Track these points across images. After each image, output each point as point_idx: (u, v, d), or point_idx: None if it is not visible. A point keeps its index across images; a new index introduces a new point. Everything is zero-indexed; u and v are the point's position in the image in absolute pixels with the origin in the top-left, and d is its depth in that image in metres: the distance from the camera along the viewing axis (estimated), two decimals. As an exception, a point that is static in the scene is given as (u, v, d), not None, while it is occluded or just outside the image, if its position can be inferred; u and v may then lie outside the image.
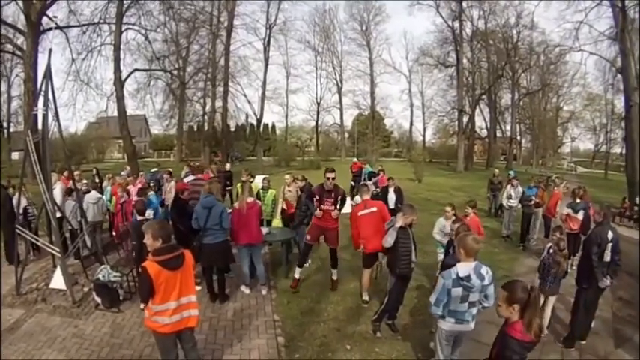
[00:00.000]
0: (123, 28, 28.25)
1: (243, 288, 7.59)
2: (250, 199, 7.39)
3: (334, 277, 7.89)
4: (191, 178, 11.75)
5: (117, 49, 27.65)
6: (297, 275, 7.66)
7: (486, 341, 3.78)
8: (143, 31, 30.44)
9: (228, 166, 15.48)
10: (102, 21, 28.19)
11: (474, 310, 4.33)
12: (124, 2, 27.68)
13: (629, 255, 11.03)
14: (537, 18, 66.83)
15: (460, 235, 4.52)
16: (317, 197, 7.50)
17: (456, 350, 4.64)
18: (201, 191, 7.24)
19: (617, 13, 20.08)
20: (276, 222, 9.36)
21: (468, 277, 4.13)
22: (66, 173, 10.57)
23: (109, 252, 9.35)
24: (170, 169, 12.55)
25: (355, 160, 22.45)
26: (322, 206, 7.44)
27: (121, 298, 6.96)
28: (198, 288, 6.83)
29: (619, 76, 23.09)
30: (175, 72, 35.90)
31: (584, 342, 6.15)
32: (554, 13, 53.97)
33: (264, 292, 7.51)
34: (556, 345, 6.08)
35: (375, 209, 6.96)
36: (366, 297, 7.23)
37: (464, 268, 4.18)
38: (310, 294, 7.49)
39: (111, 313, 6.62)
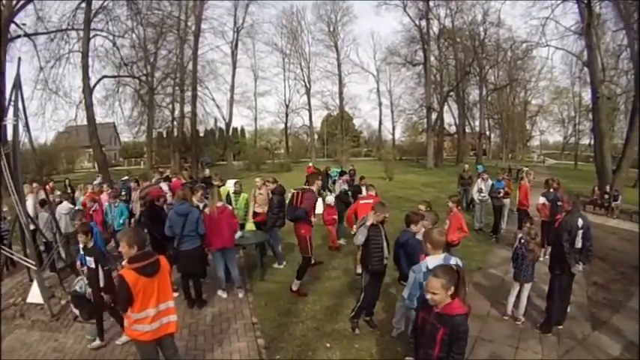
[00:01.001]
0: (91, 35, 27.75)
1: (220, 292, 7.61)
2: (220, 204, 7.41)
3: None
4: (163, 185, 11.74)
5: (85, 56, 27.15)
6: (294, 287, 7.70)
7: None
8: (111, 37, 30.06)
9: (207, 172, 15.38)
10: (70, 27, 27.66)
11: None
12: (92, 8, 27.23)
13: (601, 241, 11.50)
14: (504, 15, 68.54)
15: (426, 230, 4.64)
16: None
17: None
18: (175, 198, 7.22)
19: (582, 8, 20.54)
20: (250, 225, 9.36)
21: None
22: (34, 184, 10.43)
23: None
24: (137, 177, 12.48)
25: (310, 164, 22.48)
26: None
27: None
28: (175, 295, 6.83)
29: (586, 69, 23.63)
30: (144, 78, 35.39)
31: (561, 327, 6.37)
32: (520, 10, 55.22)
33: (240, 295, 7.55)
34: (534, 331, 6.29)
35: (371, 200, 8.29)
36: (359, 270, 7.70)
37: (433, 260, 4.32)
38: (287, 295, 7.54)
39: (90, 324, 6.51)
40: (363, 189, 11.18)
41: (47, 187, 9.98)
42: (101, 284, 5.57)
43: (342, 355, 5.58)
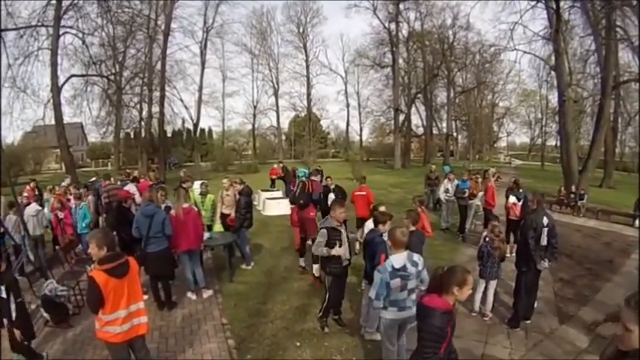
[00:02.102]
0: (60, 32, 27.15)
1: (189, 294, 7.54)
2: (186, 205, 7.37)
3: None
4: (130, 186, 11.58)
5: (54, 53, 26.55)
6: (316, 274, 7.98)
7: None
8: (80, 35, 29.39)
9: (182, 173, 15.18)
10: (40, 24, 26.93)
11: (413, 296, 4.52)
12: (62, 5, 26.62)
13: (567, 239, 11.83)
14: (473, 19, 69.90)
15: (390, 229, 4.68)
16: None
17: (402, 337, 4.79)
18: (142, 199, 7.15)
19: (551, 14, 21.03)
20: (217, 227, 9.30)
21: (404, 267, 4.35)
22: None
23: (54, 266, 9.03)
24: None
25: (275, 166, 22.47)
26: None
27: (70, 312, 6.75)
28: (145, 297, 6.76)
29: (553, 73, 24.16)
30: (112, 77, 34.73)
31: (528, 322, 6.52)
32: (489, 14, 56.18)
33: (205, 295, 7.53)
34: (502, 326, 6.43)
35: (364, 192, 10.48)
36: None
37: (398, 259, 4.38)
38: (256, 295, 7.56)
39: (61, 329, 6.40)
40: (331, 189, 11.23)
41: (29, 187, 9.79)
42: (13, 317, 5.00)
43: (312, 353, 5.61)
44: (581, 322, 6.64)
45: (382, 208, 6.99)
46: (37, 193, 13.16)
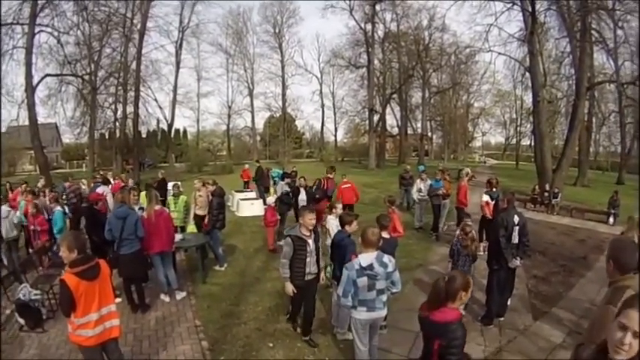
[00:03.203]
0: (36, 30, 26.71)
1: (162, 296, 7.46)
2: (157, 207, 7.27)
3: None
4: (104, 188, 11.43)
5: (29, 52, 26.14)
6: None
7: (407, 327, 3.94)
8: (56, 34, 28.99)
9: (160, 174, 14.99)
10: (15, 22, 26.43)
11: (384, 297, 4.50)
12: (39, 2, 26.20)
13: (541, 236, 11.98)
14: (449, 21, 70.41)
15: (363, 229, 4.67)
16: None
17: (374, 337, 4.76)
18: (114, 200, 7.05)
19: (527, 16, 21.28)
20: (191, 227, 9.21)
21: (370, 266, 4.31)
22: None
23: (28, 269, 8.84)
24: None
25: (246, 166, 22.38)
26: None
27: (44, 317, 6.60)
28: (118, 300, 6.65)
29: (527, 74, 24.44)
30: (87, 77, 34.15)
31: (502, 319, 6.58)
32: (465, 16, 56.81)
33: (178, 297, 7.46)
34: (475, 324, 6.45)
35: (349, 185, 11.94)
36: None
37: (366, 258, 4.36)
38: (229, 297, 7.54)
39: (36, 334, 6.27)
40: (302, 190, 11.25)
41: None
42: None
43: (285, 354, 5.60)
44: (556, 319, 6.72)
45: (339, 207, 6.99)
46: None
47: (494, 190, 10.53)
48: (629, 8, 22.74)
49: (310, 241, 5.49)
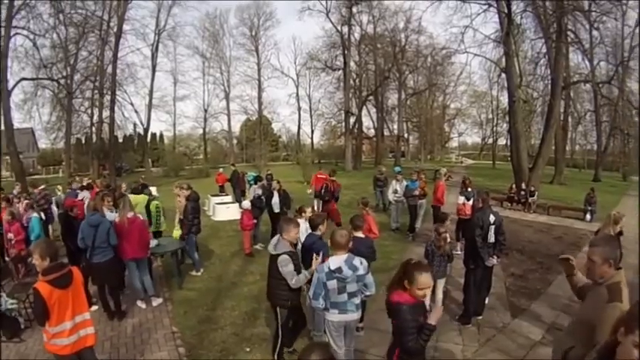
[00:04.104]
0: (12, 33, 26.31)
1: (139, 303, 7.33)
2: (130, 214, 7.14)
3: None
4: (84, 194, 11.24)
5: (4, 56, 25.66)
6: None
7: (384, 328, 3.93)
8: (32, 36, 28.69)
9: (141, 179, 14.77)
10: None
11: (357, 300, 4.45)
12: (15, 4, 25.80)
13: (518, 235, 12.09)
14: (425, 23, 71.30)
15: (332, 231, 4.64)
16: None
17: (348, 339, 4.71)
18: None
19: (502, 18, 21.52)
20: (176, 233, 9.07)
21: (339, 269, 4.25)
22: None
23: (3, 278, 8.64)
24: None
25: (220, 170, 22.28)
26: None
27: (22, 326, 6.44)
28: (95, 307, 6.75)
29: (503, 75, 24.76)
30: (63, 81, 33.86)
31: (480, 317, 6.59)
32: (441, 18, 57.42)
33: (155, 303, 7.35)
34: (453, 323, 6.45)
35: (324, 176, 12.86)
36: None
37: (335, 261, 4.31)
38: (205, 302, 7.47)
39: (14, 343, 6.12)
40: (275, 193, 11.25)
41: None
42: None
43: (262, 357, 5.56)
44: (534, 316, 6.76)
45: (308, 210, 6.96)
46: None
47: (469, 189, 10.61)
48: (605, 9, 23.18)
49: (287, 257, 5.08)
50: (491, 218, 6.36)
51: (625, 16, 29.62)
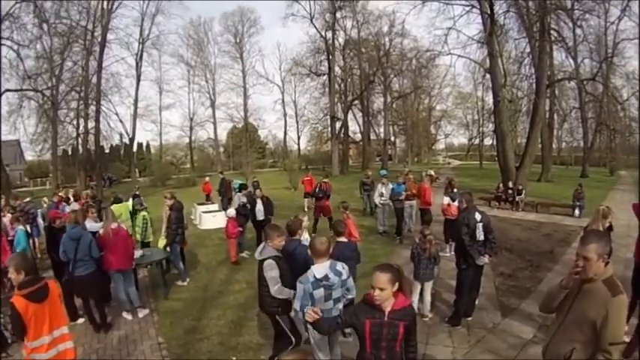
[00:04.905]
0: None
1: (125, 314, 7.23)
2: (114, 225, 7.04)
3: None
4: (75, 205, 11.13)
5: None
6: None
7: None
8: (16, 47, 28.62)
9: (138, 189, 14.65)
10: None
11: (340, 305, 4.40)
12: (-1, 15, 25.54)
13: (506, 233, 12.11)
14: (409, 26, 71.88)
15: (311, 239, 4.58)
16: None
17: (335, 347, 4.67)
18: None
19: (485, 19, 21.69)
20: (161, 242, 8.96)
21: (326, 277, 4.18)
22: None
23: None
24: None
25: (207, 179, 22.22)
26: None
27: (9, 341, 6.30)
28: (81, 320, 6.86)
29: (488, 75, 24.97)
30: (48, 92, 33.49)
31: (470, 318, 6.55)
32: (424, 20, 57.86)
33: (141, 315, 7.26)
34: (442, 325, 6.41)
35: (309, 178, 15.23)
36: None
37: (319, 269, 4.22)
38: (191, 312, 7.39)
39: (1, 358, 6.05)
40: (258, 201, 11.23)
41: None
42: None
43: (249, 366, 5.49)
44: (525, 314, 6.73)
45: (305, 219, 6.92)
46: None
47: (454, 190, 10.62)
48: (588, 7, 23.43)
49: (274, 263, 4.90)
50: (477, 216, 6.34)
51: (608, 13, 30.02)
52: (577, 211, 15.64)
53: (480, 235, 6.27)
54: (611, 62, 34.48)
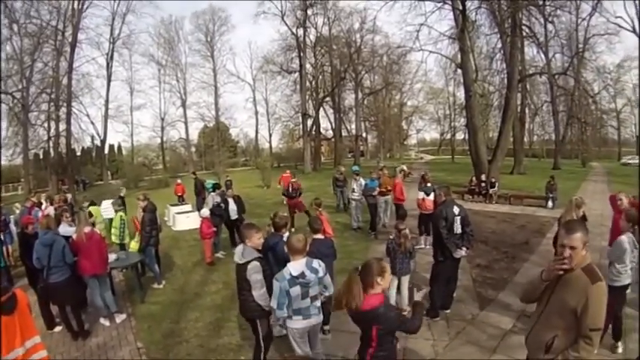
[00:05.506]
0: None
1: (102, 320, 7.08)
2: (88, 229, 6.91)
3: None
4: (50, 210, 10.92)
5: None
6: None
7: (351, 330, 3.85)
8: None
9: (124, 191, 14.43)
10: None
11: (318, 303, 4.41)
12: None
13: (480, 226, 12.22)
14: (380, 22, 72.39)
15: (288, 237, 4.57)
16: None
17: (315, 343, 4.66)
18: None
19: (457, 15, 21.91)
20: (134, 245, 8.84)
21: (302, 275, 4.19)
22: None
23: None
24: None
25: (179, 181, 22.07)
26: None
27: None
28: (58, 328, 6.69)
29: (459, 71, 25.28)
30: (18, 94, 32.81)
31: (448, 311, 6.61)
32: (396, 17, 58.17)
33: (118, 320, 7.13)
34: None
35: (288, 174, 15.90)
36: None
37: (295, 266, 4.23)
38: (169, 315, 7.30)
39: None
40: (230, 200, 11.22)
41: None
42: None
43: (229, 367, 5.45)
44: (503, 305, 6.82)
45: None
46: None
47: (428, 184, 10.71)
48: (559, 4, 23.91)
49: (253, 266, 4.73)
50: (456, 210, 6.39)
51: (579, 9, 30.63)
52: (550, 203, 15.89)
53: (458, 229, 6.34)
54: (582, 57, 35.32)
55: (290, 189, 14.00)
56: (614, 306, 4.98)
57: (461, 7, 21.08)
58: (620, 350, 5.22)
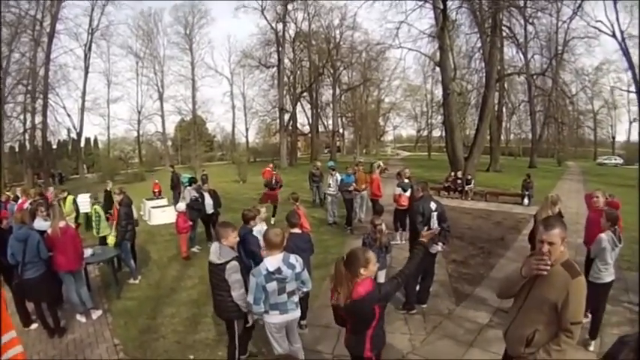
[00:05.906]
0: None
1: (78, 317, 6.96)
2: (62, 224, 6.76)
3: None
4: (27, 204, 10.73)
5: None
6: None
7: (329, 324, 3.90)
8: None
9: (110, 185, 14.16)
10: None
11: (296, 298, 4.41)
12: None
13: (456, 222, 12.37)
14: (360, 19, 72.39)
15: (265, 231, 4.58)
16: None
17: (293, 338, 4.66)
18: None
19: (438, 13, 22.17)
20: (111, 239, 8.73)
21: (278, 270, 4.17)
22: None
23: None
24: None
25: (156, 181, 21.95)
26: None
27: None
28: (34, 326, 6.57)
29: (437, 68, 25.45)
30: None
31: (425, 306, 6.67)
32: (376, 14, 58.33)
33: (95, 316, 7.02)
34: (398, 314, 6.48)
35: (270, 168, 15.57)
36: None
37: (272, 261, 4.21)
38: (145, 311, 7.22)
39: None
40: (206, 195, 11.15)
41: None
42: None
43: (208, 362, 5.43)
44: (479, 300, 6.92)
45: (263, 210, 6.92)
46: None
47: (405, 180, 10.76)
48: (540, 6, 24.24)
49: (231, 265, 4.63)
50: (433, 206, 6.43)
51: (560, 12, 31.11)
52: (526, 200, 16.16)
53: (435, 224, 6.37)
54: (561, 59, 35.86)
55: (273, 180, 14.11)
56: (594, 302, 5.13)
57: (442, 6, 21.26)
58: (592, 348, 5.33)
